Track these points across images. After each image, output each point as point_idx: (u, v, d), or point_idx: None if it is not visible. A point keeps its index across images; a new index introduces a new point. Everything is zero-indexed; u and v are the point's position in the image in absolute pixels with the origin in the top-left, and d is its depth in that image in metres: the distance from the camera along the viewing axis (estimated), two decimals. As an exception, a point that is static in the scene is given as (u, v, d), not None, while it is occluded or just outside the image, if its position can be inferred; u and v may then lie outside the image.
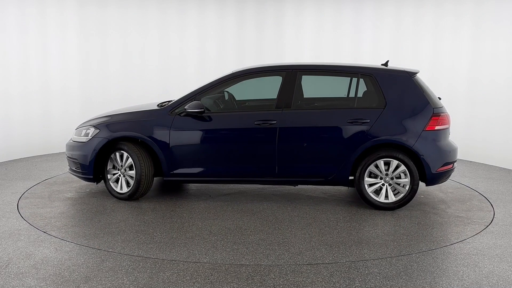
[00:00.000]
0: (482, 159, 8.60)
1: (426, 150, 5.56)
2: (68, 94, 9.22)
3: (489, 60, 8.48)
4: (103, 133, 5.97)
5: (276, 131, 5.69)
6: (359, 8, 9.67)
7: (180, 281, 3.86)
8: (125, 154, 5.91)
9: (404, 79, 5.74)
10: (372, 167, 5.62)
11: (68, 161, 6.35)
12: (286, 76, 5.86)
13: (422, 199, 6.17)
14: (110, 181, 6.04)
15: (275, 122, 5.69)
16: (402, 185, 5.62)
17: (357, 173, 5.66)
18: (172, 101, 6.11)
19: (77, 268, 4.07)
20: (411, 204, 5.88)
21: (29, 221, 5.27)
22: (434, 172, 5.62)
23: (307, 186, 6.58)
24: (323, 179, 5.77)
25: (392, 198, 5.64)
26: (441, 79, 8.91)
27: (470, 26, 8.69)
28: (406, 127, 5.58)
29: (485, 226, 5.21)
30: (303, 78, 6.03)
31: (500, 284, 3.89)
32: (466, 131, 8.70)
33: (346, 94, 6.04)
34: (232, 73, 6.04)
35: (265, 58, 9.61)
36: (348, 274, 4.03)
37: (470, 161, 8.64)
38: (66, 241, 4.66)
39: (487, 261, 4.33)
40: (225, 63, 9.62)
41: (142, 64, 9.79)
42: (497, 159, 8.39)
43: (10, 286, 3.75)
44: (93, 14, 9.31)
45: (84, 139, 6.07)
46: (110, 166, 6.04)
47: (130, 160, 5.89)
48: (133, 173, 5.89)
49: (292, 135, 5.71)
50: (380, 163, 5.60)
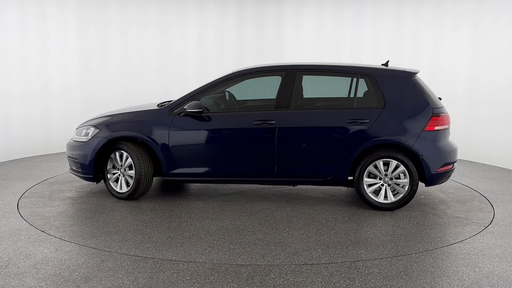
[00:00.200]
0: (482, 159, 8.60)
1: (426, 151, 5.54)
2: (68, 94, 9.22)
3: (489, 60, 8.48)
4: (103, 133, 5.98)
5: (275, 131, 5.68)
6: (359, 8, 9.67)
7: (180, 281, 3.86)
8: (125, 154, 5.92)
9: (404, 79, 5.73)
10: (371, 167, 5.61)
11: (69, 161, 6.37)
12: (286, 76, 5.85)
13: (422, 200, 6.16)
14: (110, 181, 6.05)
15: (274, 122, 5.69)
16: (402, 186, 5.60)
17: (356, 173, 5.64)
18: (172, 101, 6.12)
19: (77, 268, 4.07)
20: (411, 205, 5.87)
21: (28, 220, 5.28)
22: (434, 173, 5.60)
23: (307, 186, 6.57)
24: (322, 179, 5.76)
25: (391, 199, 5.63)
26: (441, 79, 8.91)
27: (470, 26, 8.69)
28: (406, 127, 5.57)
29: (484, 227, 5.20)
30: (303, 78, 6.04)
31: (500, 284, 3.89)
32: (466, 131, 8.70)
33: (347, 94, 6.03)
34: (232, 73, 6.04)
35: (265, 58, 9.61)
36: (348, 274, 4.03)
37: (470, 161, 8.63)
38: (66, 241, 4.66)
39: (487, 261, 4.33)
40: (225, 63, 9.61)
41: (142, 64, 9.80)
42: (497, 159, 8.38)
43: (10, 286, 3.75)
44: (93, 14, 9.31)
45: (84, 139, 6.08)
46: (110, 166, 6.04)
47: (130, 160, 5.90)
48: (133, 173, 5.90)
49: (291, 135, 5.71)
50: (379, 164, 5.59)
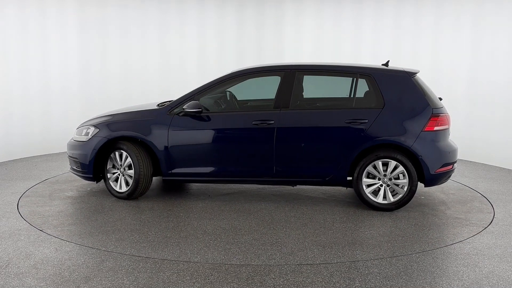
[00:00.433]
0: (482, 159, 8.60)
1: (425, 151, 5.51)
2: (68, 94, 9.22)
3: (489, 60, 8.48)
4: (103, 133, 5.99)
5: (274, 131, 5.68)
6: (359, 8, 9.67)
7: (180, 281, 3.86)
8: (124, 154, 5.93)
9: (403, 79, 5.71)
10: (370, 168, 5.59)
11: (69, 160, 6.38)
12: (285, 76, 5.85)
13: (422, 200, 6.14)
14: (110, 180, 6.06)
15: (273, 122, 5.68)
16: (401, 186, 5.58)
17: (355, 174, 5.62)
18: (172, 101, 6.12)
19: (77, 268, 4.07)
20: (410, 205, 5.85)
21: (27, 220, 5.29)
22: (433, 173, 5.57)
23: (307, 187, 6.56)
24: (321, 180, 5.75)
25: (390, 199, 5.61)
26: (441, 79, 8.90)
27: (470, 26, 8.69)
28: (405, 128, 5.55)
29: (483, 228, 5.17)
30: (304, 78, 6.03)
31: (500, 284, 3.89)
32: (466, 131, 8.69)
33: (348, 95, 6.01)
34: (231, 73, 6.04)
35: (265, 58, 9.61)
36: (348, 274, 4.02)
37: (470, 161, 8.63)
38: (66, 241, 4.66)
39: (487, 261, 4.33)
40: (225, 63, 9.61)
41: (142, 64, 9.79)
42: (497, 159, 8.38)
43: (10, 286, 3.75)
44: (93, 14, 9.31)
45: (85, 139, 6.09)
46: (110, 166, 6.05)
47: (129, 160, 5.90)
48: (132, 173, 5.90)
49: (290, 135, 5.70)
50: (378, 164, 5.57)
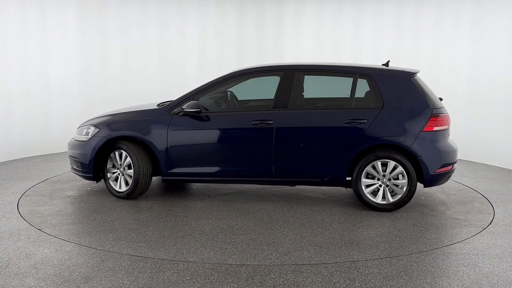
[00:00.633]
0: (482, 159, 8.60)
1: (424, 151, 5.49)
2: (68, 94, 9.22)
3: (489, 60, 8.47)
4: (103, 132, 6.00)
5: (273, 131, 5.67)
6: (359, 8, 9.67)
7: (180, 281, 3.86)
8: (124, 153, 5.93)
9: (403, 79, 5.69)
10: (369, 168, 5.57)
11: (70, 160, 6.40)
12: (284, 76, 5.85)
13: (422, 201, 6.13)
14: (110, 180, 6.07)
15: (272, 122, 5.68)
16: (400, 187, 5.55)
17: (354, 174, 5.60)
18: (171, 101, 6.13)
19: (77, 268, 4.07)
20: (410, 206, 5.84)
21: (27, 219, 5.31)
22: (432, 174, 5.55)
23: (307, 187, 6.55)
24: (320, 180, 5.74)
25: (389, 200, 5.58)
26: (441, 79, 8.90)
27: (470, 26, 8.69)
28: (404, 128, 5.53)
29: (482, 229, 5.15)
30: (302, 79, 6.02)
31: (500, 284, 3.89)
32: (466, 131, 8.69)
33: (349, 95, 5.96)
34: (230, 73, 6.04)
35: (265, 58, 9.61)
36: (348, 274, 4.02)
37: (470, 161, 8.63)
38: (66, 241, 4.66)
39: (487, 261, 4.33)
40: (225, 63, 9.62)
41: (142, 64, 9.79)
42: (497, 159, 8.38)
43: (10, 286, 3.75)
44: (93, 14, 9.31)
45: (85, 138, 6.11)
46: (110, 165, 6.06)
47: (129, 159, 5.91)
48: (132, 172, 5.91)
49: (289, 135, 5.69)
50: (378, 164, 5.55)
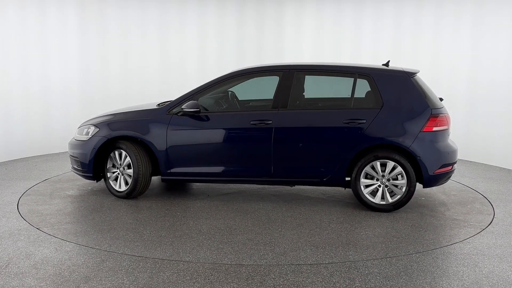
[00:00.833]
0: (482, 159, 8.60)
1: (423, 152, 5.46)
2: (68, 94, 9.22)
3: (489, 60, 8.47)
4: (103, 132, 6.01)
5: (272, 131, 5.67)
6: (359, 8, 9.67)
7: (180, 281, 3.86)
8: (124, 153, 5.94)
9: (402, 80, 5.67)
10: (368, 168, 5.55)
11: (70, 159, 6.42)
12: (283, 76, 5.84)
13: (422, 201, 6.11)
14: (110, 180, 6.08)
15: (271, 122, 5.67)
16: (399, 187, 5.53)
17: (353, 174, 5.59)
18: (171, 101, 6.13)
19: (77, 268, 4.07)
20: (410, 206, 5.82)
21: (26, 218, 5.32)
22: (432, 174, 5.52)
23: (307, 187, 6.55)
24: (319, 180, 5.72)
25: (388, 200, 5.56)
26: (441, 79, 8.90)
27: (470, 26, 8.69)
28: (403, 128, 5.51)
29: (481, 230, 5.12)
30: (301, 79, 6.02)
31: (500, 284, 3.89)
32: (466, 131, 8.69)
33: (350, 95, 5.93)
34: (229, 73, 6.04)
35: (265, 58, 9.61)
36: (348, 274, 4.02)
37: (470, 161, 8.63)
38: (66, 241, 4.66)
39: (487, 261, 4.33)
40: (225, 63, 9.62)
41: (142, 64, 9.79)
42: (497, 159, 8.38)
43: (10, 286, 3.75)
44: (93, 14, 9.31)
45: (85, 138, 6.12)
46: (110, 165, 6.07)
47: (128, 159, 5.92)
48: (131, 172, 5.91)
49: (288, 135, 5.68)
50: (377, 164, 5.53)
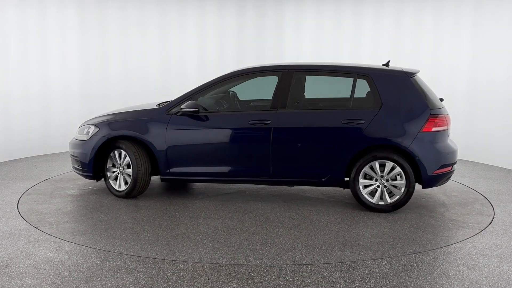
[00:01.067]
0: (482, 159, 8.59)
1: (422, 152, 5.44)
2: (68, 94, 9.22)
3: (489, 60, 8.47)
4: (102, 132, 6.03)
5: (270, 131, 5.66)
6: (359, 8, 9.67)
7: (180, 281, 3.86)
8: (123, 153, 5.96)
9: (401, 80, 5.65)
10: (367, 169, 5.54)
11: (71, 159, 6.44)
12: (282, 76, 5.83)
13: (422, 202, 6.09)
14: (110, 179, 6.09)
15: (270, 122, 5.67)
16: (398, 187, 5.51)
17: (352, 175, 5.57)
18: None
19: (77, 268, 4.07)
20: (409, 207, 5.81)
21: (25, 217, 5.34)
22: (431, 175, 5.49)
23: (307, 187, 6.53)
24: (317, 180, 5.71)
25: (387, 200, 5.54)
26: (441, 79, 8.90)
27: (470, 26, 8.68)
28: (402, 128, 5.48)
29: (479, 231, 5.10)
30: (300, 79, 6.01)
31: (500, 284, 3.89)
32: (466, 131, 8.69)
33: (350, 95, 5.91)
34: (229, 73, 6.04)
35: (265, 58, 9.61)
36: (348, 274, 4.02)
37: (470, 161, 8.63)
38: (66, 241, 4.66)
39: (487, 261, 4.33)
40: (225, 63, 9.61)
41: (142, 64, 9.79)
42: (497, 159, 8.38)
43: (10, 286, 3.75)
44: (93, 15, 9.31)
45: (85, 138, 6.14)
46: (110, 164, 6.09)
47: (128, 159, 5.93)
48: (131, 172, 5.92)
49: (286, 135, 5.67)
50: (375, 165, 5.51)
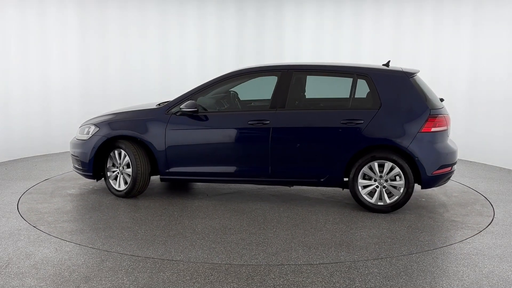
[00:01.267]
0: (482, 159, 8.59)
1: (422, 152, 5.42)
2: (68, 94, 9.22)
3: (489, 60, 8.47)
4: (102, 131, 6.04)
5: (269, 131, 5.66)
6: (359, 8, 9.67)
7: (180, 281, 3.86)
8: (123, 152, 5.97)
9: (401, 80, 5.63)
10: (366, 169, 5.52)
11: (72, 158, 6.45)
12: (281, 76, 5.83)
13: (422, 202, 6.07)
14: (110, 179, 6.10)
15: (269, 122, 5.66)
16: (397, 188, 5.49)
17: (351, 175, 5.56)
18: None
19: (77, 268, 4.07)
20: (408, 207, 5.79)
21: (24, 216, 5.35)
22: (430, 175, 5.47)
23: (307, 187, 6.52)
24: (316, 180, 5.70)
25: (386, 201, 5.53)
26: (441, 79, 8.90)
27: (470, 26, 8.68)
28: (401, 128, 5.47)
29: (478, 231, 5.07)
30: (299, 79, 6.01)
31: (500, 284, 3.89)
32: (466, 131, 8.69)
33: (349, 95, 5.91)
34: (228, 73, 6.04)
35: (265, 58, 9.61)
36: (348, 274, 4.02)
37: (470, 161, 8.63)
38: (66, 241, 4.66)
39: (487, 261, 4.33)
40: (225, 63, 9.61)
41: (142, 64, 9.79)
42: (497, 159, 8.38)
43: (10, 286, 3.75)
44: (94, 15, 9.31)
45: (85, 137, 6.15)
46: (110, 164, 6.10)
47: (127, 158, 5.93)
48: (130, 171, 5.93)
49: (285, 136, 5.67)
50: (374, 165, 5.50)
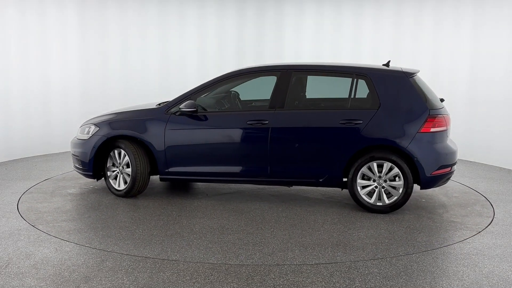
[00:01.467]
0: (482, 159, 8.59)
1: (421, 153, 5.40)
2: (68, 94, 9.22)
3: (489, 60, 8.47)
4: (102, 131, 6.05)
5: (268, 131, 5.66)
6: (359, 8, 9.67)
7: (180, 281, 3.86)
8: (123, 152, 5.98)
9: (400, 80, 5.62)
10: (365, 169, 5.52)
11: (72, 158, 6.47)
12: (280, 76, 5.83)
13: (422, 203, 6.06)
14: (110, 178, 6.12)
15: (268, 122, 5.66)
16: (397, 188, 5.48)
17: (350, 175, 5.55)
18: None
19: (77, 268, 4.07)
20: (408, 208, 5.78)
21: (23, 215, 5.36)
22: (429, 175, 5.46)
23: (306, 187, 6.52)
24: (315, 180, 5.70)
25: (385, 201, 5.52)
26: (441, 79, 8.90)
27: (470, 26, 8.69)
28: (400, 129, 5.46)
29: (477, 232, 5.06)
30: (299, 79, 6.01)
31: (500, 284, 3.89)
32: (466, 131, 8.69)
33: (348, 95, 5.91)
34: (227, 73, 6.05)
35: (265, 58, 9.61)
36: (348, 274, 4.02)
37: (470, 161, 8.63)
38: (66, 241, 4.66)
39: (487, 261, 4.33)
40: (225, 63, 9.62)
41: (142, 64, 9.80)
42: (497, 159, 8.38)
43: (10, 286, 3.75)
44: (94, 14, 9.31)
45: (85, 137, 6.17)
46: (110, 164, 6.11)
47: (127, 158, 5.94)
48: (130, 171, 5.93)
49: (284, 135, 5.67)
50: (373, 165, 5.49)
